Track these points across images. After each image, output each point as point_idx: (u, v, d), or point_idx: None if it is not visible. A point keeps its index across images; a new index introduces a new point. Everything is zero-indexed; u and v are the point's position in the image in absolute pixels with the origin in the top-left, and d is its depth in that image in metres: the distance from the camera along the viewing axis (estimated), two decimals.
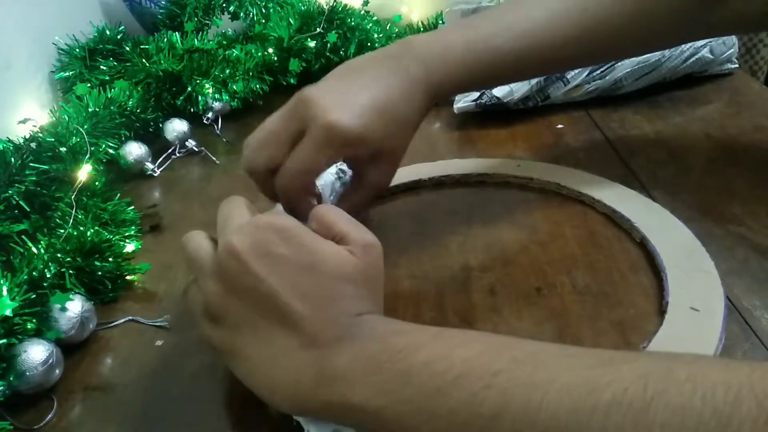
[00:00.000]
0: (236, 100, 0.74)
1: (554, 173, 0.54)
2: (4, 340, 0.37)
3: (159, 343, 0.43)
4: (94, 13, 0.87)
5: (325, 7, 0.81)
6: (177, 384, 0.39)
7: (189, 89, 0.72)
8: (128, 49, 0.76)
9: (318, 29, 0.79)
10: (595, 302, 0.41)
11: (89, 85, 0.68)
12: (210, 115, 0.73)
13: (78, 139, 0.56)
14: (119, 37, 0.79)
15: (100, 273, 0.46)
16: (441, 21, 0.80)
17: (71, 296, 0.42)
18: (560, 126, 0.64)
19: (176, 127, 0.68)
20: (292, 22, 0.79)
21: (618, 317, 0.40)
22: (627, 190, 0.50)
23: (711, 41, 0.66)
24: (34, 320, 0.40)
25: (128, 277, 0.49)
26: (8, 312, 0.38)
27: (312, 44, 0.79)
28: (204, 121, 0.73)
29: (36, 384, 0.38)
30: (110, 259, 0.48)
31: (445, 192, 0.56)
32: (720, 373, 0.23)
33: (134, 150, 0.64)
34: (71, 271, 0.45)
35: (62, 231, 0.47)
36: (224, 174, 0.65)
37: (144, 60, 0.73)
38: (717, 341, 0.36)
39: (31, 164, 0.50)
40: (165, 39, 0.75)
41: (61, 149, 0.53)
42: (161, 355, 0.42)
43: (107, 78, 0.73)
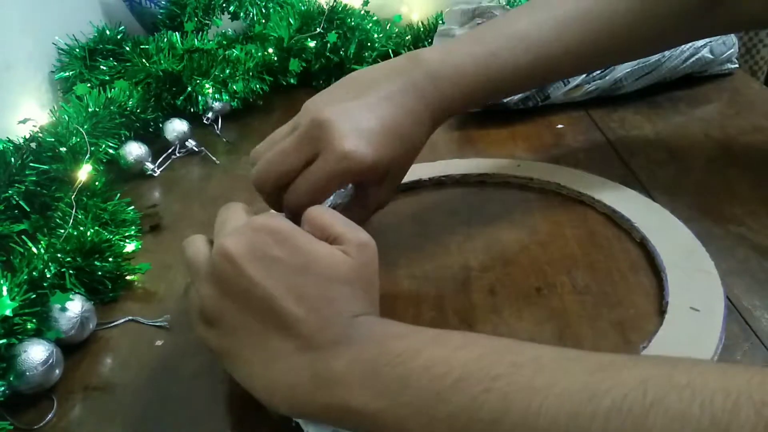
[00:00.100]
0: (236, 100, 0.74)
1: (554, 173, 0.54)
2: (4, 340, 0.37)
3: (159, 343, 0.43)
4: (94, 13, 0.87)
5: (325, 7, 0.81)
6: (177, 384, 0.39)
7: (189, 89, 0.72)
8: (128, 49, 0.76)
9: (318, 29, 0.79)
10: (595, 302, 0.41)
11: (89, 85, 0.68)
12: (210, 115, 0.73)
13: (78, 139, 0.56)
14: (119, 37, 0.79)
15: (100, 273, 0.46)
16: (441, 21, 0.80)
17: (71, 296, 0.42)
18: (560, 126, 0.64)
19: (176, 127, 0.68)
20: (292, 22, 0.79)
21: (618, 317, 0.40)
22: (627, 191, 0.50)
23: (711, 41, 0.66)
24: (34, 320, 0.40)
25: (128, 277, 0.49)
26: (8, 312, 0.38)
27: (312, 44, 0.79)
28: (204, 121, 0.73)
29: (36, 384, 0.38)
30: (110, 259, 0.47)
31: (445, 192, 0.56)
32: (719, 380, 0.23)
33: (134, 150, 0.64)
34: (71, 271, 0.45)
35: (62, 231, 0.47)
36: (224, 174, 0.65)
37: (144, 60, 0.73)
38: (717, 341, 0.36)
39: (31, 164, 0.50)
40: (165, 39, 0.75)
41: (61, 149, 0.53)
42: (161, 355, 0.42)
43: (107, 78, 0.73)
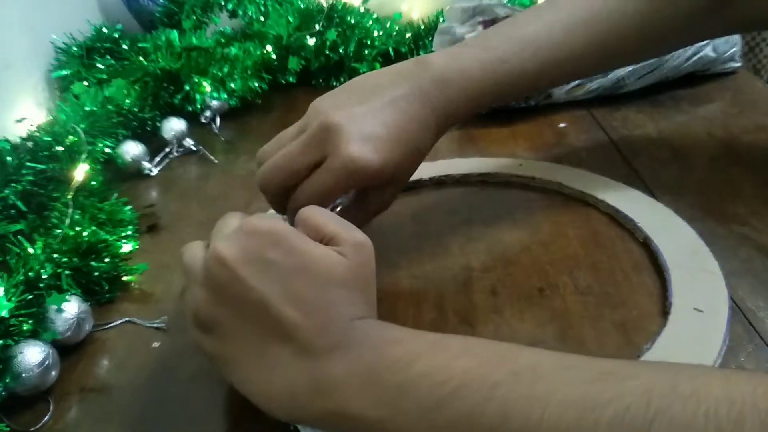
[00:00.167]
0: (234, 99, 0.73)
1: (556, 173, 0.54)
2: (0, 342, 0.37)
3: (156, 345, 0.42)
4: (92, 12, 0.87)
5: (325, 5, 0.80)
6: (174, 386, 0.39)
7: (187, 88, 0.72)
8: (126, 48, 0.76)
9: (317, 27, 0.79)
10: (598, 303, 0.41)
11: (86, 84, 0.68)
12: (208, 114, 0.72)
13: (75, 138, 0.55)
14: (117, 36, 0.78)
15: (97, 274, 0.46)
16: (441, 19, 0.79)
17: (67, 297, 0.42)
18: (562, 125, 0.64)
19: (174, 126, 0.68)
20: (291, 20, 0.79)
21: (621, 318, 0.39)
22: (630, 190, 0.50)
23: (714, 39, 0.66)
24: (31, 321, 0.39)
25: (125, 278, 0.48)
26: (4, 313, 0.38)
27: (311, 42, 0.78)
28: (202, 120, 0.72)
29: (32, 386, 0.38)
30: (107, 260, 0.47)
31: (446, 192, 0.55)
32: (723, 389, 0.23)
33: (131, 149, 0.64)
34: (68, 272, 0.44)
35: (59, 231, 0.46)
36: (222, 173, 0.64)
37: (141, 58, 0.73)
38: (721, 342, 0.35)
39: (28, 164, 0.49)
40: (163, 37, 0.74)
41: (58, 148, 0.53)
42: (158, 357, 0.41)
43: (104, 76, 0.73)
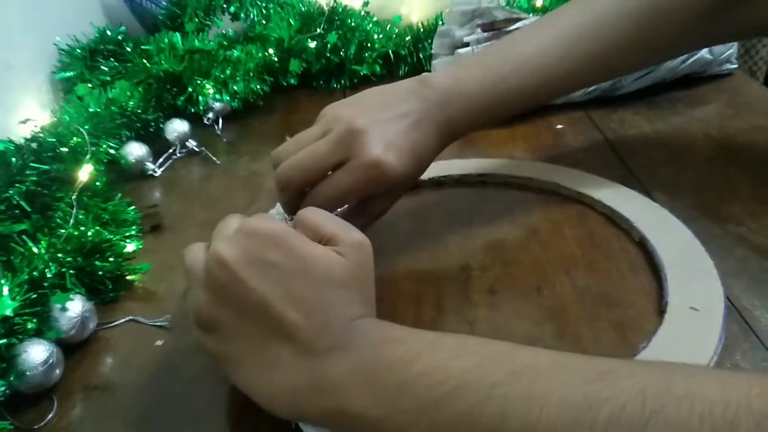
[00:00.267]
0: (237, 101, 0.74)
1: (553, 173, 0.54)
2: (5, 340, 0.38)
3: (159, 343, 0.43)
4: (95, 14, 0.87)
5: (326, 8, 0.81)
6: (177, 384, 0.39)
7: (189, 90, 0.72)
8: (129, 50, 0.76)
9: (318, 30, 0.79)
10: (595, 302, 0.41)
11: (90, 86, 0.68)
12: (210, 116, 0.73)
13: (79, 140, 0.55)
14: (120, 38, 0.79)
15: (101, 273, 0.46)
16: (441, 22, 0.80)
17: (71, 296, 0.42)
18: (560, 126, 0.64)
19: (177, 128, 0.68)
20: (293, 23, 0.79)
21: (617, 317, 0.40)
22: (626, 190, 0.50)
23: None
24: (35, 320, 0.40)
25: (129, 277, 0.49)
26: (9, 312, 0.38)
27: (312, 45, 0.79)
28: (204, 122, 0.73)
29: (36, 384, 0.38)
30: (111, 259, 0.48)
31: (445, 192, 0.56)
32: (718, 390, 0.23)
33: (135, 150, 0.64)
34: (72, 271, 0.45)
35: (63, 231, 0.47)
36: (225, 174, 0.65)
37: (145, 60, 0.73)
38: (716, 341, 0.36)
39: (32, 164, 0.50)
40: (166, 39, 0.75)
41: (62, 149, 0.53)
42: (162, 355, 0.42)
43: (108, 78, 0.73)
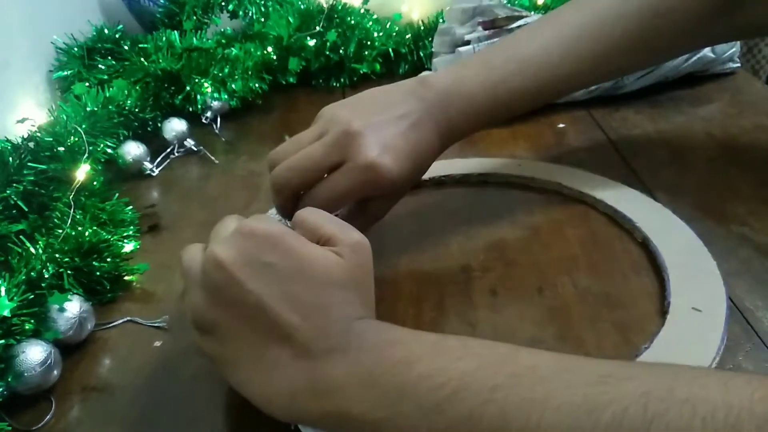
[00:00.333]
0: (235, 99, 0.73)
1: (555, 173, 0.54)
2: (2, 341, 0.37)
3: (157, 344, 0.43)
4: (93, 12, 0.87)
5: (325, 6, 0.80)
6: (176, 385, 0.39)
7: (188, 88, 0.72)
8: (127, 48, 0.76)
9: (317, 28, 0.79)
10: (597, 303, 0.41)
11: (87, 85, 0.68)
12: (209, 115, 0.72)
13: (76, 139, 0.55)
14: (118, 36, 0.78)
15: (99, 273, 0.46)
16: (441, 19, 0.79)
17: (69, 297, 0.42)
18: (562, 125, 0.64)
19: (175, 127, 0.68)
20: (292, 21, 0.79)
21: (619, 318, 0.39)
22: (629, 190, 0.50)
23: None
24: (33, 321, 0.40)
25: (126, 278, 0.48)
26: (6, 312, 0.38)
27: (311, 43, 0.78)
28: (203, 121, 0.72)
29: (34, 385, 0.38)
30: (108, 260, 0.47)
31: (446, 192, 0.56)
32: (721, 394, 0.23)
33: (132, 149, 0.64)
34: (69, 272, 0.45)
35: (60, 231, 0.46)
36: (223, 173, 0.64)
37: (142, 59, 0.73)
38: (719, 342, 0.36)
39: (29, 164, 0.50)
40: (163, 38, 0.74)
41: (59, 149, 0.53)
42: (160, 356, 0.42)
43: (105, 77, 0.73)
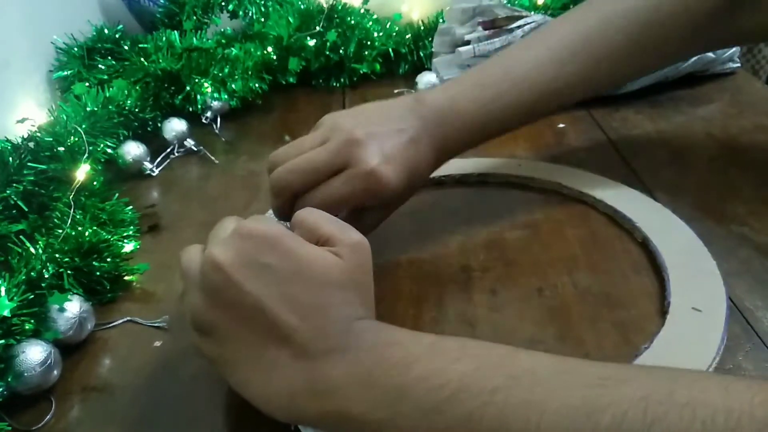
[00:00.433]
0: (235, 99, 0.73)
1: (555, 173, 0.54)
2: (2, 341, 0.37)
3: (157, 344, 0.42)
4: (93, 12, 0.87)
5: (325, 6, 0.80)
6: (176, 385, 0.39)
7: (188, 88, 0.72)
8: (127, 48, 0.76)
9: (317, 28, 0.79)
10: (597, 303, 0.41)
11: (87, 85, 0.68)
12: (209, 115, 0.72)
13: (76, 139, 0.55)
14: (118, 36, 0.78)
15: (99, 273, 0.46)
16: (441, 19, 0.79)
17: (69, 297, 0.42)
18: (562, 125, 0.64)
19: (175, 127, 0.68)
20: (292, 21, 0.79)
21: (619, 318, 0.39)
22: (629, 190, 0.50)
23: None
24: (32, 321, 0.40)
25: (126, 278, 0.48)
26: (6, 312, 0.38)
27: (311, 43, 0.79)
28: (203, 121, 0.72)
29: (34, 385, 0.38)
30: (108, 260, 0.47)
31: (446, 192, 0.56)
32: (721, 397, 0.23)
33: (132, 149, 0.64)
34: (69, 272, 0.45)
35: (60, 231, 0.46)
36: (223, 173, 0.64)
37: (142, 59, 0.73)
38: (719, 342, 0.36)
39: (29, 164, 0.50)
40: (163, 38, 0.74)
41: (59, 149, 0.53)
42: (160, 356, 0.42)
43: (105, 77, 0.73)
